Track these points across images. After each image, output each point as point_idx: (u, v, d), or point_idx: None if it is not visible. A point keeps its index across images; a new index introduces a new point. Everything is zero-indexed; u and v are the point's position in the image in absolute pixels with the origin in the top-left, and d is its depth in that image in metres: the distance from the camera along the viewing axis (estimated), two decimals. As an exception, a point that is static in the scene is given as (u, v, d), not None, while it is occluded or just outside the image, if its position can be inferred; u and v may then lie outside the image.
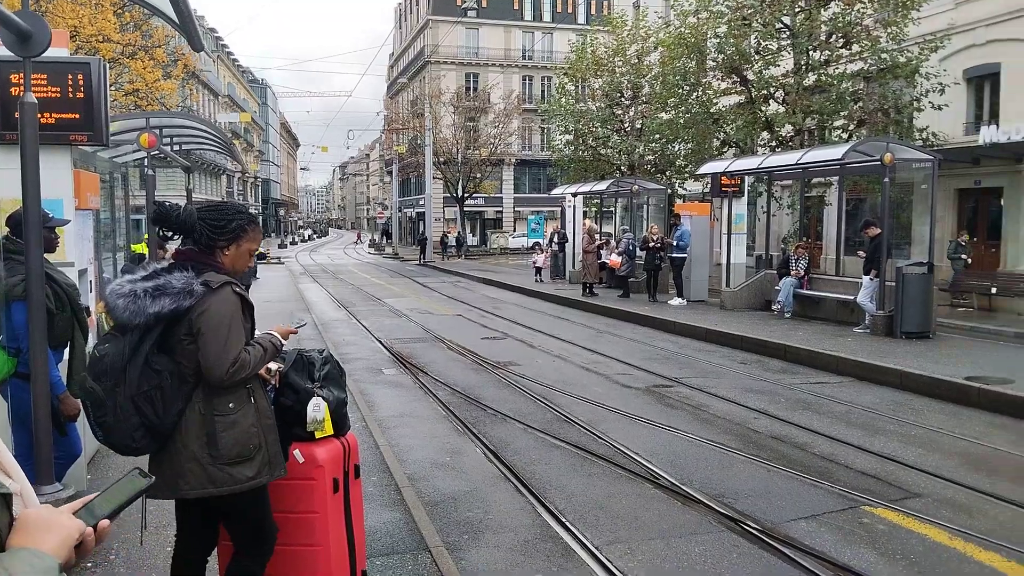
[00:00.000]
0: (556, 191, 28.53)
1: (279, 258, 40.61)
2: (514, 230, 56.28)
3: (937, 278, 13.04)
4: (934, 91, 19.40)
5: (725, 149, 23.38)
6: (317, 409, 3.27)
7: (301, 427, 3.25)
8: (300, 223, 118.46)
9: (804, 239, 16.81)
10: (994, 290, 15.64)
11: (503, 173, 56.75)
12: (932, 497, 5.18)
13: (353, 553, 3.46)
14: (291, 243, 70.85)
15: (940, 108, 19.84)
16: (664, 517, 4.88)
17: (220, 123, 47.92)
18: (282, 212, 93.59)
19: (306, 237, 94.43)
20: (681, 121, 23.49)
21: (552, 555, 4.33)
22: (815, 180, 21.48)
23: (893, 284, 11.68)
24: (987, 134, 19.53)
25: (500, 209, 59.62)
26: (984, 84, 22.41)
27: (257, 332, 3.04)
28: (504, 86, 55.53)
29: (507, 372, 9.50)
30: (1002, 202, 22.05)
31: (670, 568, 4.16)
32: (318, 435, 3.29)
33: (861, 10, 19.72)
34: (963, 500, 5.15)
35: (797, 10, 20.26)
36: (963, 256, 18.31)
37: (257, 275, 23.40)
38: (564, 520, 4.75)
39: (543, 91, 56.62)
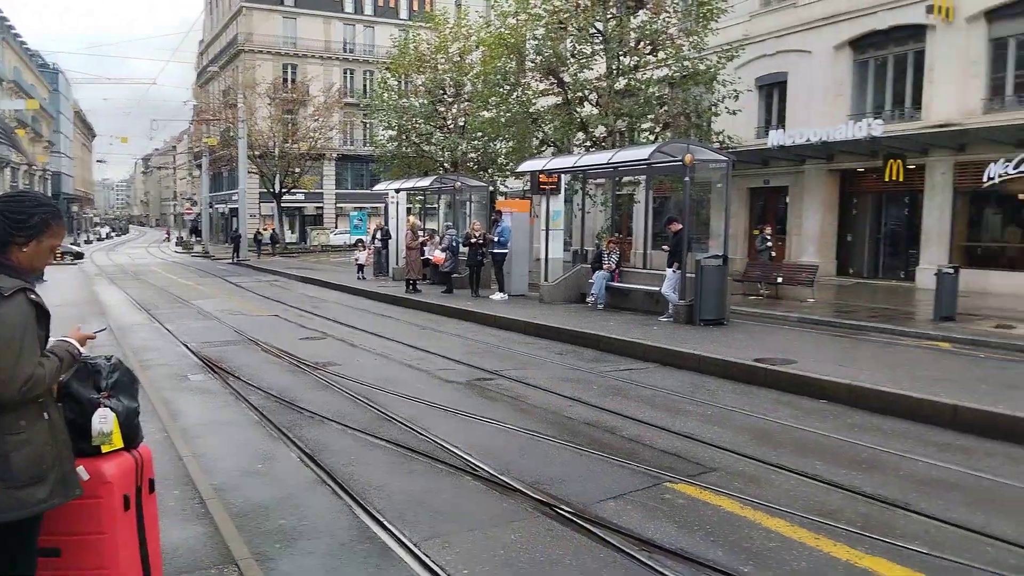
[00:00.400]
0: (379, 187, 28.17)
1: (73, 257, 37.09)
2: (336, 227, 54.95)
3: (731, 269, 14.15)
4: (730, 97, 21.05)
5: (544, 148, 24.11)
6: (103, 421, 3.00)
7: (86, 441, 2.97)
8: (96, 220, 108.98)
9: (616, 235, 17.68)
10: (780, 280, 17.22)
11: (324, 168, 55.27)
12: (726, 470, 5.61)
13: (148, 574, 3.21)
14: (86, 242, 64.95)
15: (735, 113, 21.55)
16: (482, 508, 4.94)
17: (2, 111, 43.09)
18: (75, 208, 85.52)
19: (103, 235, 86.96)
20: (502, 120, 23.96)
21: (369, 556, 4.26)
22: (625, 179, 22.68)
23: (693, 276, 12.57)
24: (775, 137, 21.50)
25: (321, 205, 58.04)
26: (773, 91, 24.64)
27: (51, 339, 2.75)
28: (324, 79, 54.09)
29: (326, 373, 9.25)
30: (787, 200, 24.35)
31: (486, 557, 4.22)
32: (105, 449, 3.02)
33: (666, 19, 21.02)
34: (753, 472, 5.61)
35: (609, 17, 21.28)
36: (769, 246, 19.99)
37: (43, 277, 21.25)
38: (382, 520, 4.68)
39: (365, 85, 55.69)
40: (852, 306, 15.90)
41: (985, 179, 18.70)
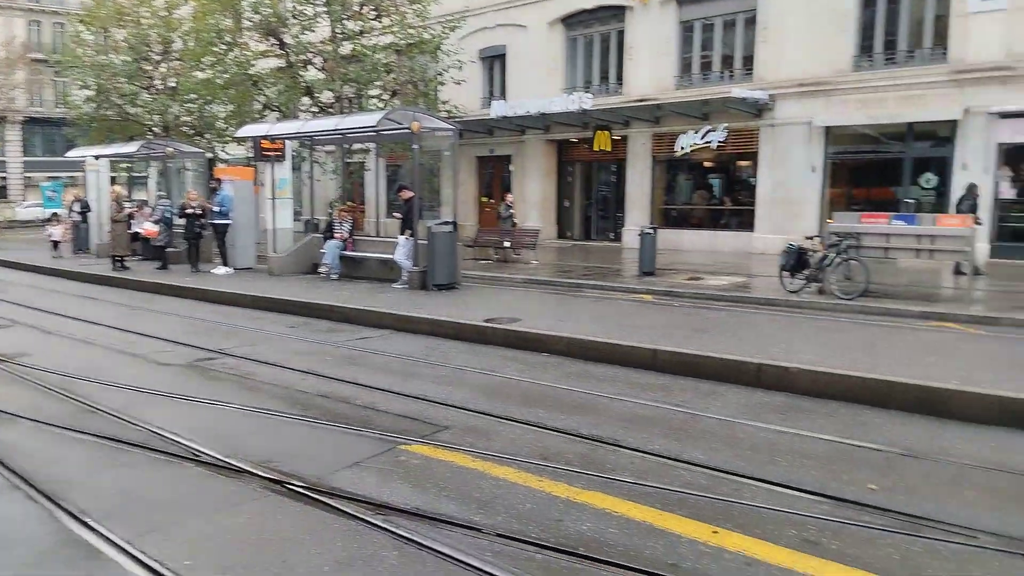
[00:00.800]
0: (74, 153, 24.96)
1: None
2: (24, 199, 48.02)
3: (462, 235, 14.59)
4: (454, 67, 21.50)
5: (267, 112, 22.98)
6: None
7: None
8: None
9: (348, 203, 17.37)
10: (507, 244, 18.08)
11: (6, 133, 47.94)
12: (458, 427, 5.80)
13: None
14: None
15: (459, 83, 22.08)
16: (206, 494, 4.64)
17: None
18: None
19: None
20: (219, 81, 22.38)
21: (74, 561, 3.81)
22: (356, 146, 22.34)
23: (425, 242, 12.76)
24: (497, 108, 22.38)
25: (4, 175, 50.38)
26: (495, 63, 25.56)
27: None
28: (3, 31, 46.60)
29: (14, 365, 8.08)
30: (511, 168, 25.56)
31: (212, 544, 3.97)
32: None
33: (389, -15, 20.88)
34: (483, 426, 5.85)
35: (331, -22, 20.65)
36: (512, 214, 20.58)
37: None
38: (88, 520, 4.20)
39: (55, 39, 48.85)
40: (570, 266, 17.17)
41: (677, 149, 21.07)
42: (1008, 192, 16.65)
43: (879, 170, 18.72)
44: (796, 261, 12.27)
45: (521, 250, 18.08)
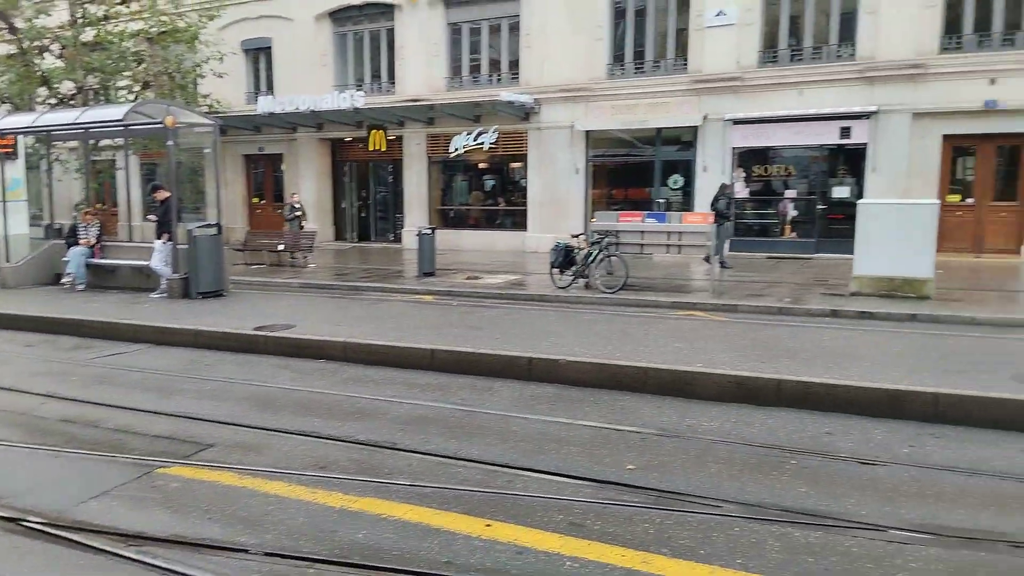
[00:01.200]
0: None
1: None
2: None
3: (231, 239, 13.79)
4: (214, 59, 20.26)
5: (-5, 104, 20.32)
6: None
7: None
8: None
9: (96, 205, 15.78)
10: (281, 247, 17.37)
11: None
12: (224, 444, 5.46)
13: None
14: None
15: (221, 76, 20.85)
16: (-84, 545, 3.99)
17: None
18: None
19: None
20: (-64, 69, 19.48)
21: None
22: (105, 143, 20.43)
23: (186, 246, 11.90)
24: (264, 104, 21.45)
25: None
26: (260, 57, 24.43)
27: None
28: None
29: None
30: (283, 167, 24.61)
31: (-78, 605, 3.43)
32: None
33: (137, -32, 19.24)
34: (253, 440, 5.56)
35: (68, -44, 18.65)
36: (298, 215, 19.47)
37: None
38: None
39: None
40: (349, 268, 16.86)
41: (451, 150, 21.42)
42: (742, 192, 18.71)
43: (634, 172, 20.25)
44: (564, 258, 12.94)
45: (297, 253, 17.44)
